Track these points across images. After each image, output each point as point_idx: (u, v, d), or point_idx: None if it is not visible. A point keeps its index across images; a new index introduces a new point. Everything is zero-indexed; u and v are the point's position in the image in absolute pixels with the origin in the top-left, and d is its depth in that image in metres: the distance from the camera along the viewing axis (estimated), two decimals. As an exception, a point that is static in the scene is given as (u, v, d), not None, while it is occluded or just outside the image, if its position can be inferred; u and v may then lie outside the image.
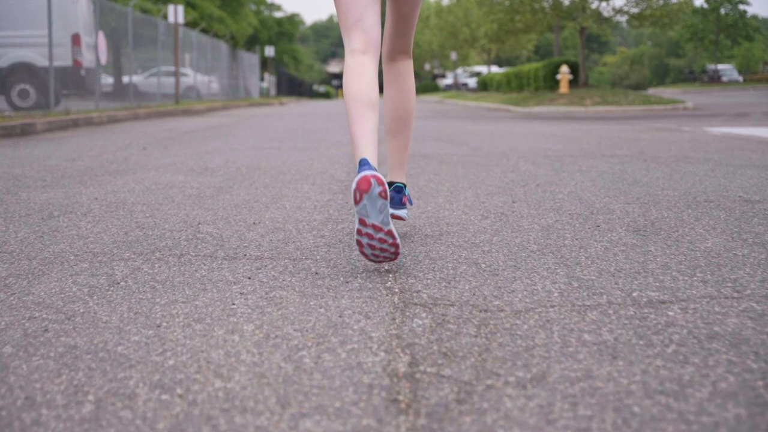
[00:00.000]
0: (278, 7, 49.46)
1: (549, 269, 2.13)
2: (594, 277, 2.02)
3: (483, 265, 2.18)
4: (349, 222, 2.96)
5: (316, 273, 2.12)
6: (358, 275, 2.09)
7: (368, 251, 2.05)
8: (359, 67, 2.23)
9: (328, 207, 3.35)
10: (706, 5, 44.19)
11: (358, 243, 2.04)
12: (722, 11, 46.77)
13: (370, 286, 1.97)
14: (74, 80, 13.29)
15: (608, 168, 4.87)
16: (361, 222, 2.00)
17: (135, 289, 1.98)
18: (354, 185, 1.97)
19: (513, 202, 3.43)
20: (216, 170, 4.90)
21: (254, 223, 2.96)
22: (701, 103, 21.46)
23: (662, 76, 73.17)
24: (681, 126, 10.38)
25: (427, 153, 6.07)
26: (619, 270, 2.11)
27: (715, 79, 47.91)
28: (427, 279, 2.03)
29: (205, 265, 2.25)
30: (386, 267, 2.18)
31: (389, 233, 2.00)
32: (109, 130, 10.04)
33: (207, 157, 5.84)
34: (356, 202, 1.98)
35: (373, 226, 1.99)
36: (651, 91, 32.93)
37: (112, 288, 1.99)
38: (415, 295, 1.88)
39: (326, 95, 70.08)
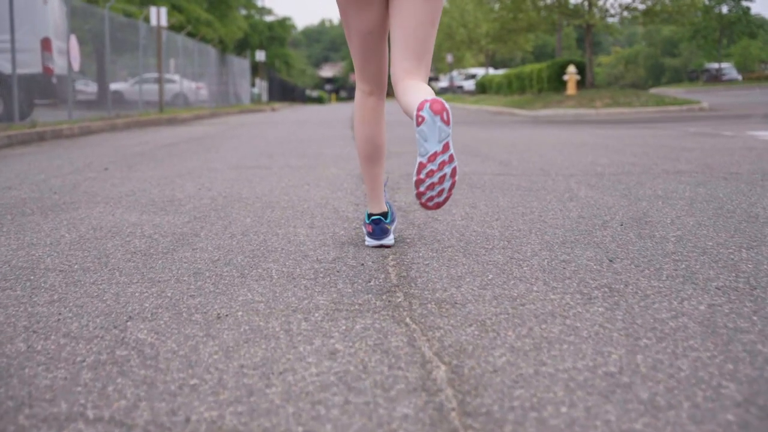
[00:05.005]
0: (269, 11, 48.25)
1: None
2: None
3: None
4: (373, 312, 1.83)
5: (330, 502, 0.99)
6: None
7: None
8: (367, 113, 2.51)
9: (336, 275, 2.21)
10: (707, 1, 43.09)
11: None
12: (724, 8, 45.64)
13: None
14: (45, 88, 12.10)
15: (690, 192, 3.75)
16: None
17: None
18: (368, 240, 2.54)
19: (610, 260, 2.30)
20: (183, 203, 3.76)
21: (219, 316, 1.82)
22: (713, 103, 20.39)
23: (658, 75, 72.30)
24: (719, 130, 9.28)
25: (450, 172, 4.93)
26: None
27: (718, 77, 46.80)
28: None
29: (101, 458, 1.12)
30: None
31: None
32: (78, 143, 8.89)
33: (177, 182, 4.70)
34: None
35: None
36: (653, 91, 31.85)
37: None
38: None
39: (319, 100, 68.86)
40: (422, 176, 1.97)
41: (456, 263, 2.32)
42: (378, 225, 2.53)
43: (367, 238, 2.60)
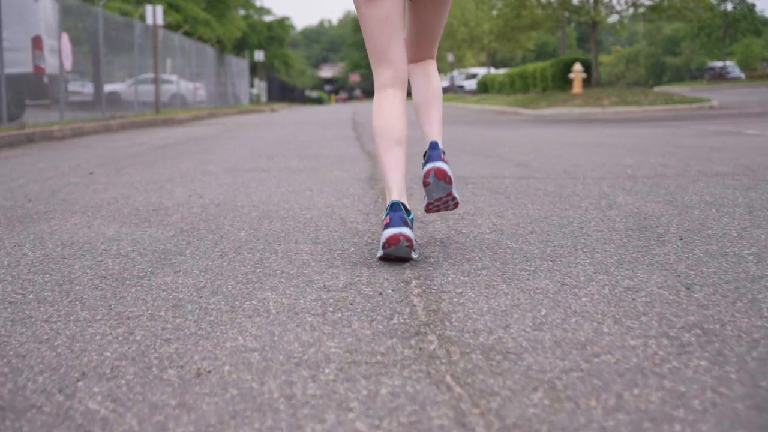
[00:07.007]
0: (268, 11, 47.78)
1: None
2: None
3: None
4: (401, 366, 1.40)
5: None
6: None
7: None
8: (386, 102, 2.34)
9: (349, 308, 1.78)
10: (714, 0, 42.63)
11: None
12: (729, 6, 45.10)
13: None
14: (36, 88, 11.66)
15: (743, 197, 3.32)
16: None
17: None
18: (383, 239, 2.16)
19: (687, 288, 1.87)
20: (170, 212, 3.33)
21: (199, 372, 1.39)
22: (722, 101, 19.95)
23: (659, 74, 71.90)
24: (740, 128, 8.85)
25: (466, 175, 4.50)
26: None
27: (722, 75, 46.30)
28: None
29: None
30: None
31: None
32: (69, 145, 8.46)
33: (167, 186, 4.27)
34: (383, 248, 2.18)
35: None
36: (656, 89, 31.27)
37: None
38: None
39: (319, 101, 68.42)
40: (431, 209, 2.42)
41: (496, 291, 1.89)
42: (397, 212, 2.14)
43: (380, 250, 2.20)
